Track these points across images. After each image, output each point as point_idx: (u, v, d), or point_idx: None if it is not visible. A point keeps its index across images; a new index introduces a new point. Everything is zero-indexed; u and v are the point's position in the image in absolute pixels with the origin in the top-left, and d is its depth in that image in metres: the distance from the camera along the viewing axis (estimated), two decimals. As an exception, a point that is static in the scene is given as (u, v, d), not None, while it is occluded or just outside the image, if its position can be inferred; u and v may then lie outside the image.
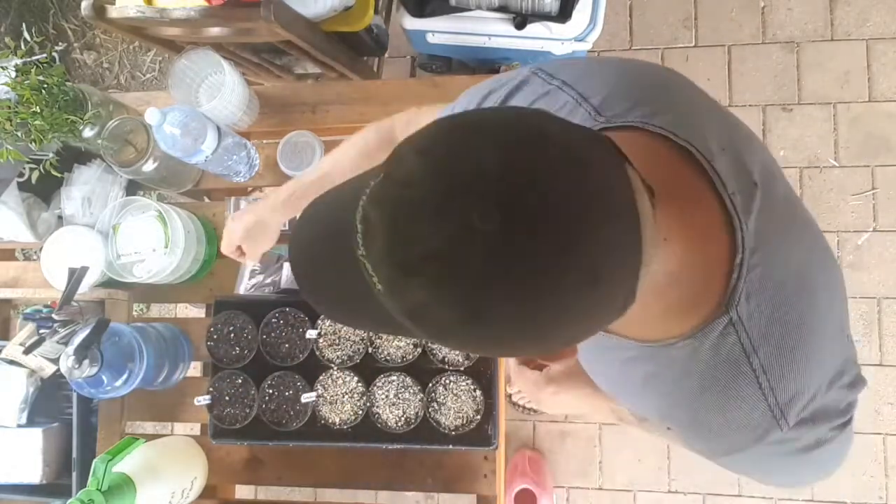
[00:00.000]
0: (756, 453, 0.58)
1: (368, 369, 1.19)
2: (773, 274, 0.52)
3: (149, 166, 1.21)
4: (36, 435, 1.25)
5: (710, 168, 0.52)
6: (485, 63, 1.84)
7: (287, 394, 1.21)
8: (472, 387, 1.16)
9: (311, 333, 1.19)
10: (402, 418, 1.18)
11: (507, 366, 0.90)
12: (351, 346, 1.21)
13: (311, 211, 0.52)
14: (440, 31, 1.71)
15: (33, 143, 1.14)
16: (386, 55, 1.81)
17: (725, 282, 0.51)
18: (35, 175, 1.26)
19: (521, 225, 0.37)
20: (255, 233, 1.04)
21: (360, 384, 1.19)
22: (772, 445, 0.56)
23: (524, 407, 1.98)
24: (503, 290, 0.38)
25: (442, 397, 1.17)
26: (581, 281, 0.39)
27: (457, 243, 0.37)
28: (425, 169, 0.39)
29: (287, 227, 1.28)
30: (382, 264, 0.40)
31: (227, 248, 1.08)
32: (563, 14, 1.56)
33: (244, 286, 1.31)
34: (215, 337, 1.24)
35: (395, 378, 1.18)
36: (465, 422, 1.16)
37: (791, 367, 0.53)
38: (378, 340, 1.20)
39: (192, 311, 1.70)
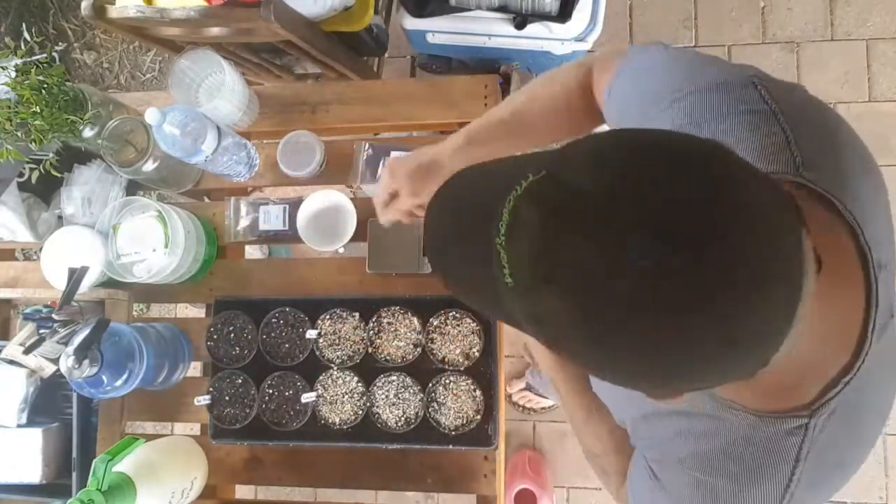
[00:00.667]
0: None
1: (368, 369, 1.19)
2: (860, 405, 0.53)
3: (149, 166, 1.21)
4: (36, 435, 1.25)
5: (873, 281, 0.50)
6: (485, 63, 1.83)
7: (287, 394, 1.21)
8: (472, 387, 1.16)
9: (311, 333, 1.19)
10: (402, 418, 1.18)
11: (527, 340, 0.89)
12: (351, 346, 1.21)
13: (457, 180, 0.51)
14: (440, 31, 1.71)
15: (33, 143, 1.14)
16: (386, 55, 1.81)
17: (824, 386, 0.51)
18: (35, 175, 1.26)
19: (677, 273, 0.35)
20: (429, 172, 0.87)
21: (360, 384, 1.19)
22: None
23: (524, 407, 1.99)
24: (637, 329, 0.37)
25: (442, 397, 1.17)
26: (719, 342, 0.37)
27: (607, 270, 0.36)
28: (595, 186, 0.37)
29: (286, 228, 1.28)
30: (522, 264, 0.39)
31: (385, 188, 0.91)
32: (563, 14, 1.57)
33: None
34: (215, 337, 1.24)
35: (395, 378, 1.18)
36: (465, 422, 1.16)
37: (816, 496, 0.55)
38: (378, 340, 1.20)
39: (192, 311, 1.70)
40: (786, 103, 0.57)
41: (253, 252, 1.86)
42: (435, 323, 1.18)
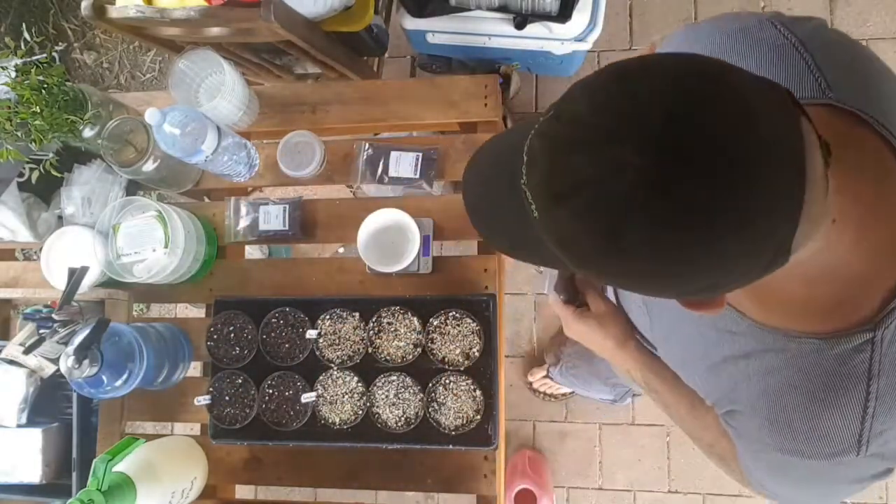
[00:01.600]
0: (816, 467, 0.57)
1: (368, 369, 1.19)
2: None
3: (149, 166, 1.21)
4: (36, 435, 1.25)
5: None
6: (485, 63, 1.84)
7: (287, 394, 1.21)
8: (472, 387, 1.16)
9: (311, 333, 1.19)
10: (402, 418, 1.18)
11: (549, 300, 0.87)
12: (351, 346, 1.21)
13: (489, 142, 0.56)
14: (440, 31, 1.71)
15: (33, 143, 1.14)
16: (386, 55, 1.81)
17: (884, 298, 0.50)
18: (35, 175, 1.26)
19: (673, 162, 0.37)
20: (609, 350, 0.85)
21: (360, 384, 1.19)
22: (836, 466, 0.56)
23: (545, 393, 1.98)
24: (644, 224, 0.38)
25: (442, 397, 1.17)
26: (729, 224, 0.38)
27: (606, 175, 0.38)
28: (590, 105, 0.40)
29: (286, 228, 1.28)
30: (538, 193, 0.43)
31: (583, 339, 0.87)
32: (563, 14, 1.57)
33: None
34: (215, 337, 1.24)
35: (395, 378, 1.18)
36: (465, 422, 1.16)
37: None
38: (378, 340, 1.20)
39: (192, 311, 1.70)
40: (805, 35, 0.59)
41: (253, 252, 1.86)
42: (435, 323, 1.18)
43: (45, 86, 1.14)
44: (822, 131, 0.43)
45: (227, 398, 1.23)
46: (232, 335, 1.24)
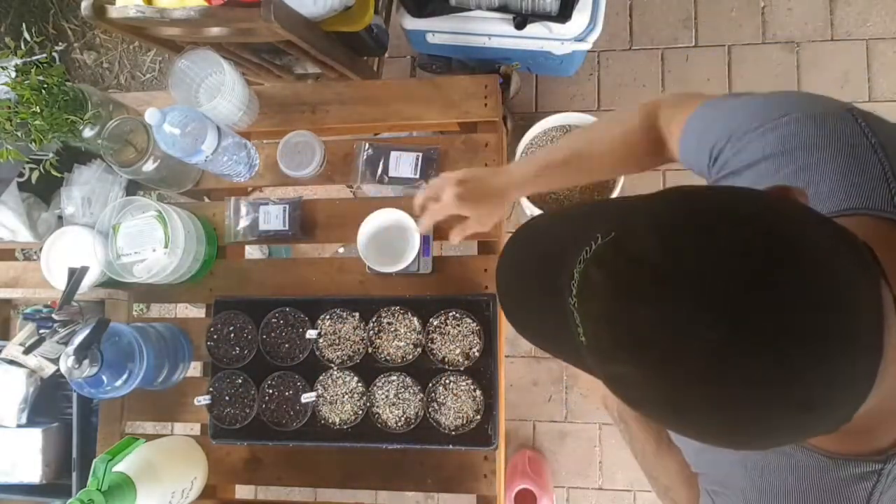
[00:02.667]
0: None
1: (368, 369, 1.19)
2: None
3: (149, 166, 1.21)
4: (36, 435, 1.25)
5: None
6: (485, 63, 1.84)
7: (287, 394, 1.21)
8: (472, 387, 1.16)
9: (311, 333, 1.19)
10: (402, 418, 1.18)
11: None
12: (351, 346, 1.21)
13: (526, 233, 0.52)
14: (440, 31, 1.71)
15: (33, 143, 1.14)
16: (386, 55, 1.81)
17: None
18: (35, 175, 1.26)
19: (747, 341, 0.35)
20: (488, 195, 0.93)
21: (360, 384, 1.19)
22: None
23: None
24: (708, 398, 0.37)
25: (442, 397, 1.17)
26: (795, 408, 0.37)
27: (676, 341, 0.37)
28: (660, 254, 0.38)
29: (286, 228, 1.28)
30: (595, 327, 0.41)
31: (433, 188, 0.97)
32: (563, 14, 1.57)
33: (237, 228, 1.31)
34: (215, 337, 1.24)
35: (395, 378, 1.18)
36: (465, 422, 1.16)
37: None
38: (378, 340, 1.20)
39: (192, 311, 1.70)
40: (885, 136, 0.56)
41: (253, 252, 1.86)
42: (435, 323, 1.18)
43: (45, 86, 1.14)
44: (885, 248, 0.42)
45: (227, 398, 1.23)
46: (232, 335, 1.24)
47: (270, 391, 1.21)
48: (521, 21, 1.59)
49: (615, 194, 1.80)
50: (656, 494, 0.83)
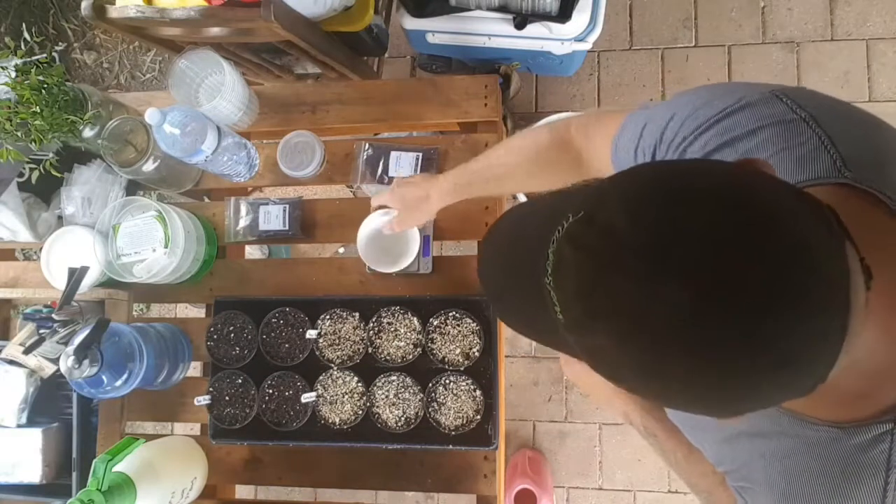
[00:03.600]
0: None
1: (368, 369, 1.19)
2: None
3: (149, 166, 1.21)
4: (36, 435, 1.25)
5: None
6: (485, 63, 1.84)
7: (287, 394, 1.21)
8: (472, 387, 1.16)
9: (311, 333, 1.19)
10: (402, 418, 1.18)
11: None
12: (351, 346, 1.21)
13: (504, 223, 0.54)
14: (440, 31, 1.71)
15: (33, 143, 1.14)
16: (386, 55, 1.81)
17: None
18: (35, 175, 1.26)
19: (714, 303, 0.36)
20: (418, 204, 1.07)
21: (360, 384, 1.19)
22: None
23: None
24: (683, 359, 0.38)
25: (442, 397, 1.17)
26: (768, 364, 0.38)
27: (647, 306, 0.37)
28: (628, 225, 0.39)
29: (286, 228, 1.28)
30: (570, 303, 0.42)
31: (380, 200, 1.13)
32: (563, 14, 1.57)
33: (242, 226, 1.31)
34: (215, 337, 1.24)
35: (395, 378, 1.18)
36: (464, 422, 1.16)
37: None
38: (378, 340, 1.20)
39: (192, 311, 1.70)
40: (814, 108, 0.57)
41: (253, 252, 1.86)
42: (435, 323, 1.18)
43: (45, 86, 1.14)
44: (842, 213, 0.42)
45: (227, 398, 1.23)
46: (232, 335, 1.24)
47: (270, 391, 1.21)
48: (521, 21, 1.59)
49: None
50: (700, 501, 0.82)
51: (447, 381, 1.17)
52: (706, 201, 0.39)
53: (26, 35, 1.25)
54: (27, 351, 1.23)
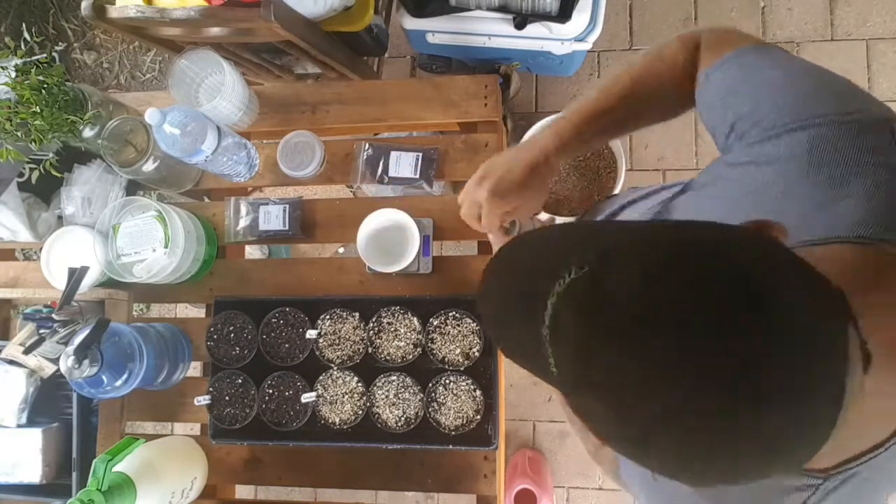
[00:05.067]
0: None
1: (368, 369, 1.19)
2: (878, 477, 0.51)
3: (149, 166, 1.21)
4: (36, 435, 1.25)
5: None
6: (485, 63, 1.84)
7: (287, 394, 1.21)
8: (472, 387, 1.16)
9: (311, 333, 1.19)
10: (402, 418, 1.18)
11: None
12: (351, 346, 1.21)
13: (505, 256, 0.51)
14: (440, 31, 1.71)
15: (33, 143, 1.14)
16: (386, 55, 1.81)
17: (846, 459, 0.50)
18: (35, 175, 1.26)
19: (711, 394, 0.36)
20: (535, 182, 0.79)
21: (360, 384, 1.19)
22: None
23: None
24: (672, 442, 0.38)
25: (442, 397, 1.17)
26: (757, 454, 0.38)
27: (642, 388, 0.37)
28: (633, 300, 0.38)
29: (286, 228, 1.28)
30: (565, 365, 0.41)
31: (489, 219, 0.82)
32: (563, 14, 1.57)
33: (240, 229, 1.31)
34: (215, 337, 1.24)
35: (395, 378, 1.18)
36: (464, 422, 1.16)
37: None
38: (378, 340, 1.20)
39: (192, 311, 1.70)
40: None
41: (253, 252, 1.86)
42: (435, 323, 1.18)
43: (45, 86, 1.14)
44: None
45: (227, 398, 1.23)
46: (232, 335, 1.24)
47: (270, 391, 1.21)
48: (521, 21, 1.59)
49: (617, 190, 1.80)
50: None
51: (447, 381, 1.17)
52: (725, 288, 0.37)
53: (26, 35, 1.26)
54: (27, 351, 1.23)
